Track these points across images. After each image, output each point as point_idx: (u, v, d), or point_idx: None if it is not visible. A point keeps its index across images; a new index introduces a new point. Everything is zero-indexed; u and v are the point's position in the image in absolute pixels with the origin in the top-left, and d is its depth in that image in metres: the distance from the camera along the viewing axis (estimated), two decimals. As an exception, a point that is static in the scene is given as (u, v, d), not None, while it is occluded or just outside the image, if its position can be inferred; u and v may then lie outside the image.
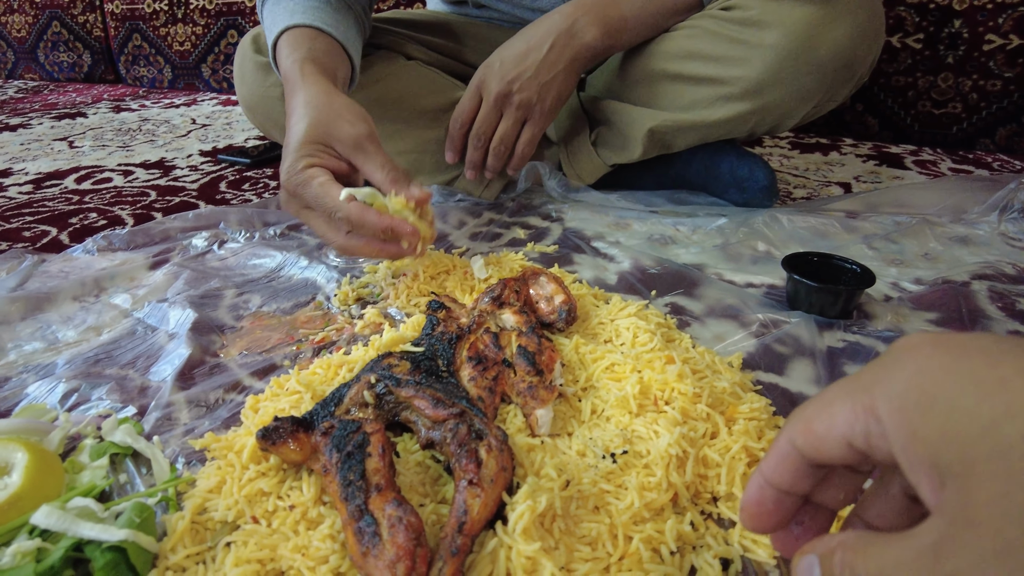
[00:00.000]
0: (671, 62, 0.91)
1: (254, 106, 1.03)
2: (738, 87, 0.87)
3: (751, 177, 0.98)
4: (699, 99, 0.91)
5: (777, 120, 0.90)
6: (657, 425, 0.47)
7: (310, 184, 0.66)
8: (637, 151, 0.97)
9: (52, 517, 0.40)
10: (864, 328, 0.67)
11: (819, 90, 0.86)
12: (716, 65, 0.88)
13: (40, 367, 0.62)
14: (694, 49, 0.89)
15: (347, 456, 0.41)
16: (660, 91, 0.94)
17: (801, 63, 0.83)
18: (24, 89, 2.44)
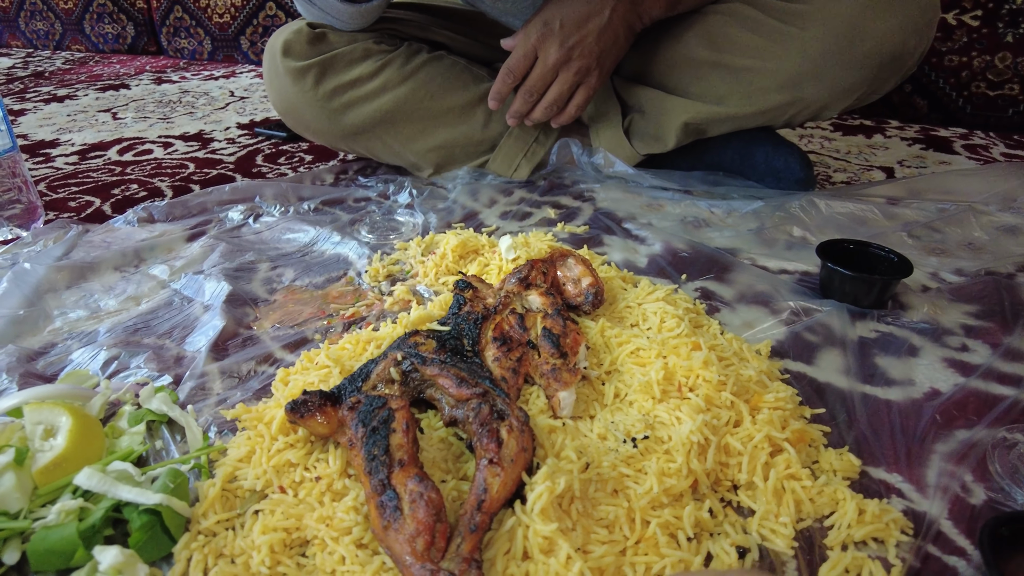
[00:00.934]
0: (709, 50, 0.89)
1: (286, 112, 1.02)
2: (775, 79, 0.85)
3: (786, 168, 0.96)
4: (735, 89, 0.89)
5: (815, 112, 0.88)
6: (680, 411, 0.47)
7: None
8: (671, 142, 0.95)
9: (93, 479, 0.42)
10: (898, 319, 0.65)
11: (861, 85, 0.83)
12: (754, 56, 0.86)
13: (83, 334, 0.65)
14: (733, 38, 0.87)
15: (372, 431, 0.42)
16: (696, 78, 0.92)
17: (843, 57, 0.81)
18: (71, 60, 2.50)
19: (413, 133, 0.99)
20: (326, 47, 0.96)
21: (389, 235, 0.86)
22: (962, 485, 0.46)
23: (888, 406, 0.54)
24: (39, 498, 0.43)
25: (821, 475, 0.46)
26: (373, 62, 0.96)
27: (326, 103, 0.97)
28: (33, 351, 0.62)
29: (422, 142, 1.01)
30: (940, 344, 0.62)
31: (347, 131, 0.99)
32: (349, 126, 0.98)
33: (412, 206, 0.95)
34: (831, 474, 0.46)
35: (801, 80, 0.84)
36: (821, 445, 0.49)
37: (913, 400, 0.54)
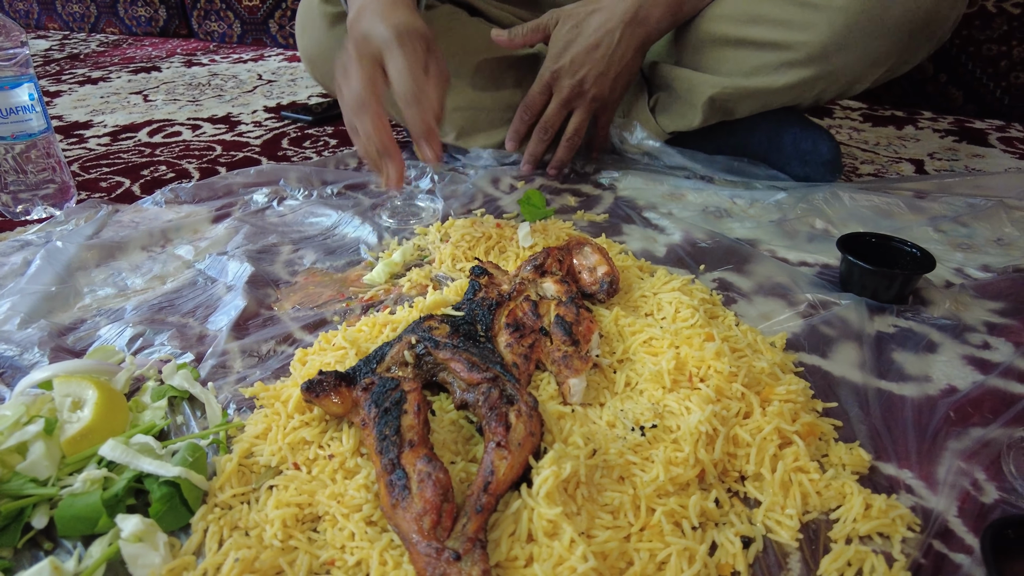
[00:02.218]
0: (733, 26, 0.88)
1: (316, 58, 1.02)
2: (803, 52, 0.83)
3: (814, 150, 0.95)
4: (762, 65, 0.87)
5: (846, 86, 0.86)
6: (689, 401, 0.47)
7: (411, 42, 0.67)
8: (697, 119, 0.94)
9: (117, 451, 0.44)
10: (918, 314, 0.64)
11: (892, 54, 0.81)
12: (780, 29, 0.84)
13: (111, 311, 0.67)
14: (757, 12, 0.85)
15: (384, 412, 0.43)
16: (721, 56, 0.90)
17: (873, 26, 0.78)
18: (105, 43, 2.54)
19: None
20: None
21: (409, 220, 0.87)
22: (973, 483, 0.45)
23: (902, 402, 0.53)
24: (66, 467, 0.45)
25: (830, 469, 0.46)
26: None
27: None
28: (63, 326, 0.64)
29: (449, 99, 1.00)
30: (961, 341, 0.61)
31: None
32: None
33: (433, 192, 0.96)
34: (840, 468, 0.46)
35: (830, 52, 0.82)
36: (832, 439, 0.49)
37: (928, 396, 0.54)
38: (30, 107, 0.86)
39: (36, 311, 0.65)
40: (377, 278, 0.71)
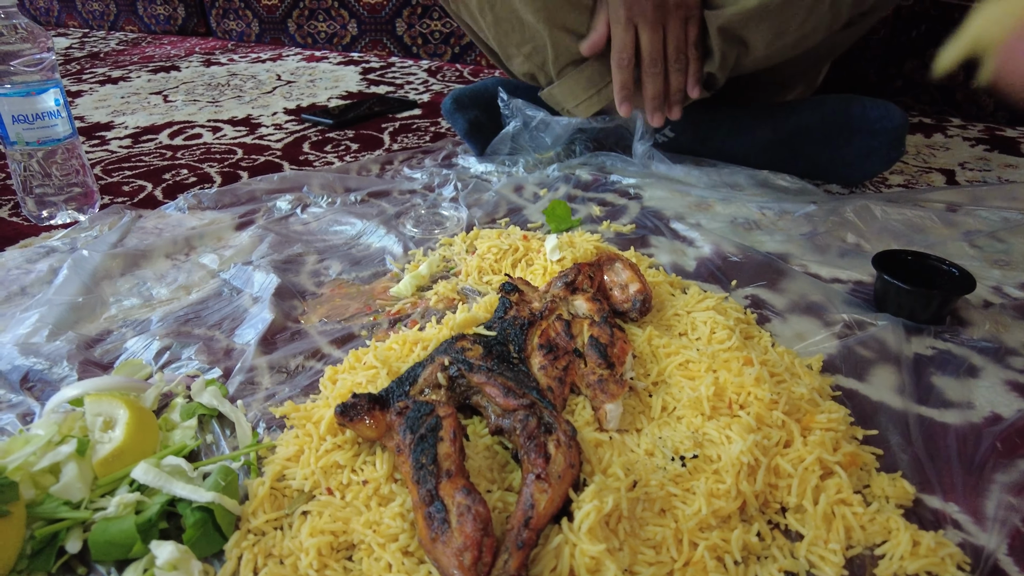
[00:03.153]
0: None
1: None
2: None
3: (885, 116, 0.92)
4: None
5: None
6: (730, 430, 0.46)
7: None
8: (715, 57, 0.89)
9: (150, 475, 0.43)
10: (957, 336, 0.63)
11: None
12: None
13: (137, 322, 0.66)
14: None
15: (420, 439, 0.42)
16: None
17: None
18: (125, 41, 2.55)
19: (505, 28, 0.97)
20: None
21: (433, 229, 0.87)
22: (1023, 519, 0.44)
23: (945, 430, 0.52)
24: (98, 488, 0.45)
25: (873, 501, 0.45)
26: None
27: None
28: (90, 338, 0.64)
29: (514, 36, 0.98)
30: (1003, 365, 0.59)
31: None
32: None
33: (456, 199, 0.95)
34: (883, 500, 0.45)
35: None
36: (873, 469, 0.47)
37: (972, 424, 0.52)
38: (56, 112, 0.86)
39: (63, 322, 0.65)
40: (404, 291, 0.71)
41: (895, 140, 0.93)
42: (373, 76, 1.86)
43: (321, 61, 2.08)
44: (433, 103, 1.54)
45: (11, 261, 0.78)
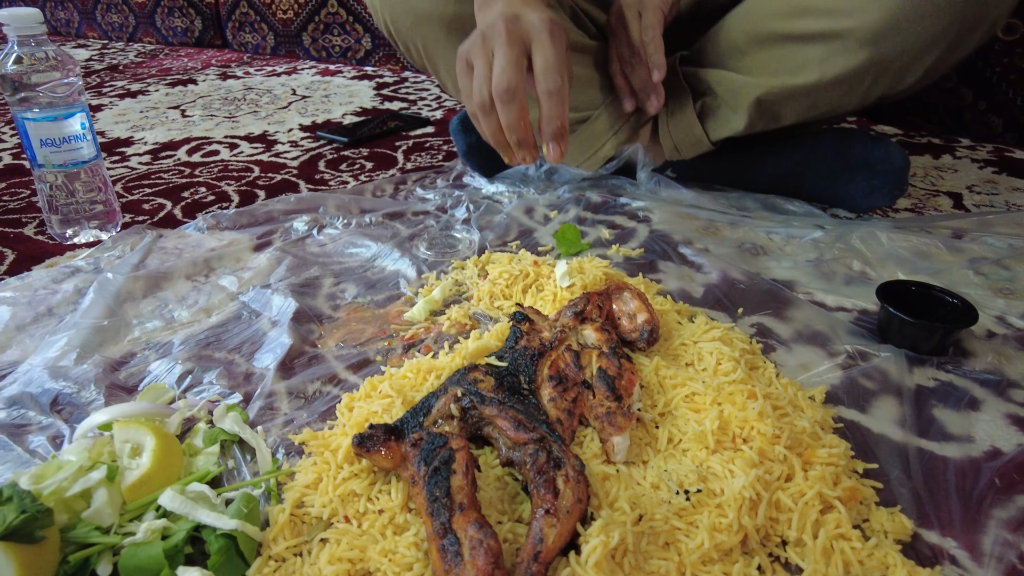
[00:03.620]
0: (779, 21, 0.86)
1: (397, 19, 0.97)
2: (853, 39, 0.81)
3: (885, 158, 0.94)
4: (809, 59, 0.85)
5: (896, 78, 0.84)
6: (733, 464, 0.47)
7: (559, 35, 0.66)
8: (742, 122, 0.93)
9: (176, 502, 0.45)
10: (959, 367, 0.64)
11: (944, 35, 0.78)
12: (829, 18, 0.82)
13: (159, 345, 0.69)
14: (804, 5, 0.83)
15: (434, 471, 0.44)
16: (768, 56, 0.89)
17: (925, 4, 0.77)
18: (143, 53, 2.60)
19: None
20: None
21: (446, 252, 0.89)
22: (1020, 556, 0.45)
23: (944, 463, 0.53)
24: (127, 514, 0.47)
25: (872, 536, 0.46)
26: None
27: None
28: (115, 360, 0.66)
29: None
30: (1004, 398, 0.60)
31: (453, 18, 0.93)
32: (457, 14, 0.93)
33: (468, 221, 0.97)
34: (882, 535, 0.46)
35: (880, 36, 0.80)
36: (873, 503, 0.49)
37: (972, 458, 0.54)
38: (81, 136, 0.89)
39: (89, 344, 0.67)
40: (417, 315, 0.73)
41: (897, 181, 0.94)
42: (387, 91, 1.89)
43: (335, 75, 2.11)
44: (445, 120, 1.57)
45: (38, 281, 0.81)
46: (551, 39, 0.66)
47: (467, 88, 0.71)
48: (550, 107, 0.67)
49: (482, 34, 0.68)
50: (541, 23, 0.66)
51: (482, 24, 0.69)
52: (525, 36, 0.67)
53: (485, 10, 0.72)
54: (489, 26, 0.68)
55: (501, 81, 0.65)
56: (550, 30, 0.66)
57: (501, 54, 0.66)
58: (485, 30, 0.68)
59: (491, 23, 0.67)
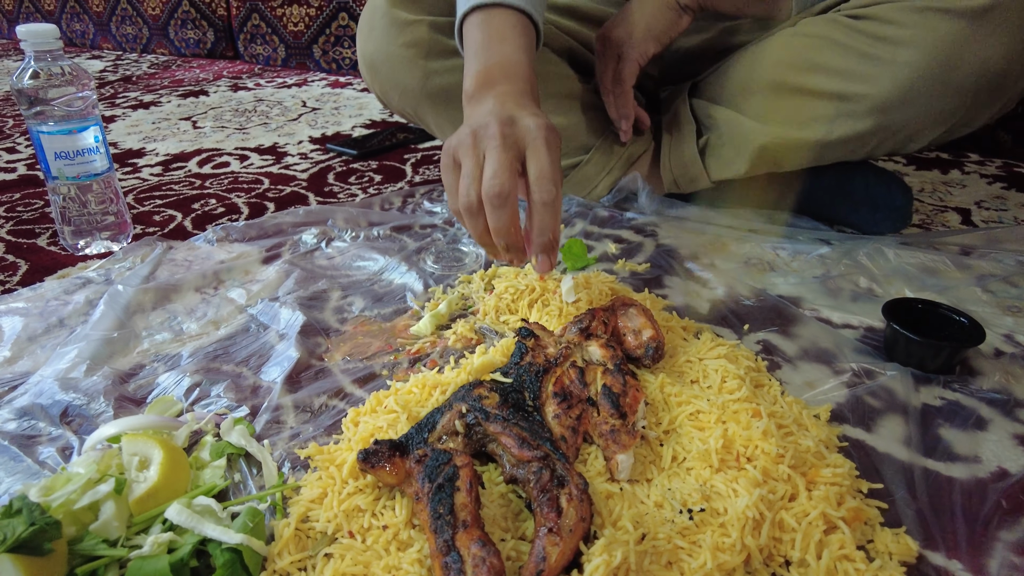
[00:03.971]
0: (793, 73, 0.87)
1: (378, 64, 1.00)
2: (862, 105, 0.82)
3: (888, 195, 0.94)
4: (818, 115, 0.86)
5: (901, 143, 0.85)
6: (737, 484, 0.47)
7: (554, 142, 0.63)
8: (743, 167, 0.94)
9: (183, 515, 0.46)
10: (967, 386, 0.64)
11: (954, 114, 0.79)
12: (841, 79, 0.83)
13: (168, 357, 0.69)
14: (818, 61, 0.85)
15: (438, 488, 0.44)
16: (777, 104, 0.90)
17: (937, 83, 0.78)
18: (156, 64, 2.63)
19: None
20: (440, 7, 0.97)
21: (453, 266, 0.89)
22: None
23: (950, 484, 0.53)
24: (134, 526, 0.47)
25: (876, 557, 0.46)
26: None
27: (426, 61, 0.97)
28: (124, 372, 0.67)
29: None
30: (1011, 418, 0.60)
31: (436, 92, 0.98)
32: (441, 88, 0.97)
33: (475, 235, 0.97)
34: (886, 557, 0.46)
35: (890, 107, 0.81)
36: (877, 523, 0.49)
37: (978, 479, 0.53)
38: (95, 149, 0.90)
39: (99, 356, 0.68)
40: (423, 329, 0.73)
41: (901, 216, 0.95)
42: (396, 103, 1.91)
43: (346, 87, 2.13)
44: (454, 132, 1.58)
45: (50, 292, 0.82)
46: (547, 146, 0.62)
47: (452, 185, 0.65)
48: (543, 218, 0.61)
49: (473, 132, 0.63)
50: (537, 129, 0.62)
51: (472, 121, 0.65)
52: (520, 140, 0.62)
53: (475, 106, 0.69)
54: (482, 126, 0.63)
55: (494, 185, 0.60)
56: (546, 137, 0.62)
57: (494, 157, 0.61)
58: (477, 129, 0.63)
59: (484, 123, 0.63)
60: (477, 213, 0.62)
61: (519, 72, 0.71)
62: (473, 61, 0.73)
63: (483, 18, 0.75)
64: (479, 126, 0.63)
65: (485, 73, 0.71)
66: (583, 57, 1.11)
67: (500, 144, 0.61)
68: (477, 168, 0.62)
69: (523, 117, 0.64)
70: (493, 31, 0.74)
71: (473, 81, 0.71)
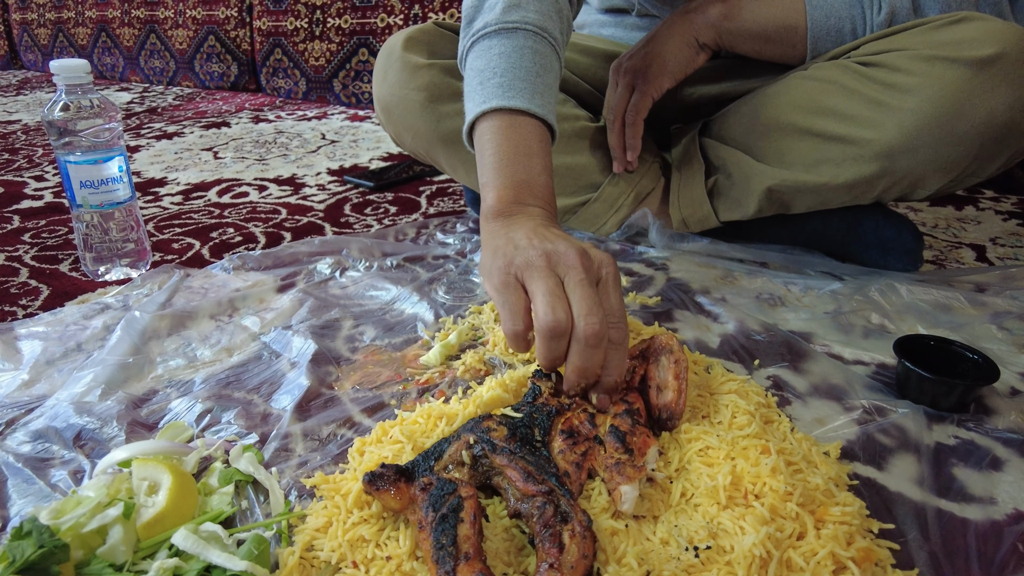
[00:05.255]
0: (801, 115, 0.88)
1: (392, 107, 1.03)
2: (869, 150, 0.83)
3: (898, 239, 0.94)
4: (825, 158, 0.87)
5: (908, 189, 0.85)
6: (744, 521, 0.47)
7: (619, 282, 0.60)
8: (751, 208, 0.95)
9: (188, 541, 0.46)
10: (981, 425, 0.63)
11: (961, 162, 0.80)
12: (848, 124, 0.84)
13: (181, 383, 0.70)
14: (827, 105, 0.86)
15: (442, 518, 0.44)
16: (785, 145, 0.91)
17: (943, 132, 0.78)
18: (181, 96, 2.70)
19: None
20: (452, 51, 1.00)
21: (464, 296, 0.90)
22: (1042, 626, 0.44)
23: (964, 525, 0.52)
24: (140, 551, 0.47)
25: (888, 600, 0.45)
26: None
27: (437, 104, 0.99)
28: (138, 397, 0.68)
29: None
30: (1026, 459, 0.59)
31: (448, 135, 1.00)
32: (453, 132, 0.99)
33: (487, 266, 0.98)
34: (899, 600, 0.45)
35: (896, 153, 0.81)
36: (888, 565, 0.48)
37: (993, 522, 0.52)
38: (119, 178, 0.93)
39: (114, 381, 0.69)
40: (433, 360, 0.73)
41: (911, 259, 0.95)
42: (412, 136, 1.94)
43: (364, 121, 2.18)
44: (469, 165, 1.60)
45: (69, 317, 0.84)
46: (616, 284, 0.59)
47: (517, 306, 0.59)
48: (612, 358, 0.58)
49: (546, 255, 0.59)
50: (609, 264, 0.60)
51: (519, 241, 0.61)
52: (596, 274, 0.59)
53: (509, 224, 0.65)
54: (556, 252, 0.59)
55: (591, 324, 0.55)
56: (615, 273, 0.60)
57: (586, 294, 0.56)
58: (550, 253, 0.59)
59: (556, 250, 0.59)
60: (562, 336, 0.56)
61: (545, 196, 0.69)
62: (496, 174, 0.69)
63: (508, 124, 0.71)
64: (551, 251, 0.59)
65: (513, 191, 0.68)
66: (593, 98, 1.13)
67: (586, 279, 0.57)
68: (559, 290, 0.57)
69: (591, 248, 0.61)
70: (520, 142, 0.71)
71: (497, 196, 0.68)
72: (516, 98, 0.72)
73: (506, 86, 0.73)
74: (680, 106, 1.10)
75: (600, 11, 1.18)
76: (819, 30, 0.89)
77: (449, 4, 2.15)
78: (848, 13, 0.88)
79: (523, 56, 0.75)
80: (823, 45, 0.90)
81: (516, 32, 0.76)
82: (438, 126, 1.00)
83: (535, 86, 0.74)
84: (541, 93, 0.74)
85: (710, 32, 0.93)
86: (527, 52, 0.75)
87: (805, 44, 0.91)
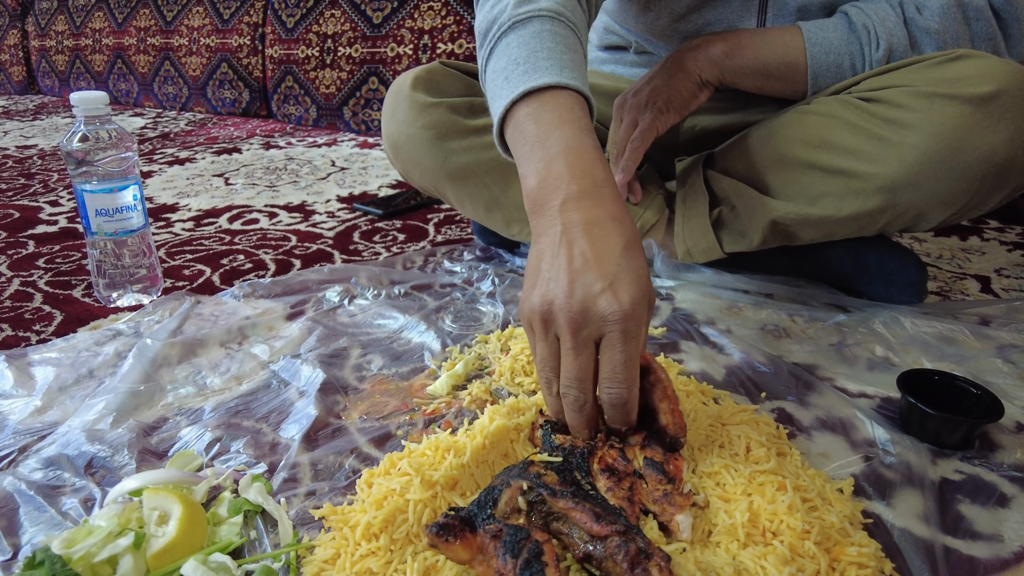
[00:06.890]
0: (804, 149, 0.90)
1: (401, 144, 1.04)
2: (871, 184, 0.84)
3: (901, 271, 0.95)
4: (828, 191, 0.88)
5: (911, 222, 0.86)
6: (766, 560, 0.47)
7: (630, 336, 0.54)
8: (756, 239, 0.96)
9: (198, 572, 0.47)
10: (986, 460, 0.63)
11: (962, 197, 0.81)
12: (851, 158, 0.85)
13: (191, 411, 0.71)
14: (830, 139, 0.87)
15: (526, 563, 0.44)
16: (789, 178, 0.92)
17: (944, 167, 0.79)
18: (193, 122, 2.75)
19: (512, 185, 1.04)
20: (458, 89, 1.02)
21: (471, 325, 0.91)
22: (1051, 668, 0.43)
23: (972, 563, 0.52)
24: (149, 582, 0.48)
25: (896, 639, 0.45)
26: None
27: (444, 142, 1.01)
28: (148, 425, 0.68)
29: (517, 194, 1.04)
30: (1033, 496, 0.59)
31: (455, 171, 1.02)
32: (460, 168, 1.01)
33: (494, 295, 0.99)
34: (907, 639, 0.45)
35: (898, 187, 0.82)
36: (899, 604, 0.48)
37: (1001, 560, 0.52)
38: (133, 207, 0.94)
39: (125, 408, 0.70)
40: (440, 389, 0.74)
41: (915, 292, 0.96)
42: (420, 163, 1.97)
43: (373, 148, 2.21)
44: (476, 193, 1.62)
45: (82, 343, 0.85)
46: (624, 339, 0.53)
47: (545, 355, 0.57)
48: (615, 416, 0.56)
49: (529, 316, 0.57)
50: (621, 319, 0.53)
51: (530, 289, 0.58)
52: (600, 330, 0.54)
53: (542, 218, 0.60)
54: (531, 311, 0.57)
55: (620, 395, 0.54)
56: (623, 330, 0.53)
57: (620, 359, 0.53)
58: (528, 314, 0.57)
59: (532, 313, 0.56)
60: (548, 387, 0.57)
61: (584, 162, 0.61)
62: (530, 159, 0.63)
63: (534, 108, 0.66)
64: (551, 306, 0.55)
65: (547, 169, 0.61)
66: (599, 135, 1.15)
67: (574, 346, 0.54)
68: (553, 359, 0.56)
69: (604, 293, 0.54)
70: (549, 117, 0.65)
71: (535, 182, 0.61)
72: (543, 76, 0.66)
73: (530, 71, 0.67)
74: (684, 138, 1.11)
75: (600, 48, 1.21)
76: (819, 66, 0.91)
77: (458, 35, 2.19)
78: (847, 49, 0.90)
79: (543, 39, 0.71)
80: (823, 81, 0.92)
81: (531, 20, 0.73)
82: (445, 162, 1.02)
83: (561, 62, 0.68)
84: (570, 68, 0.68)
85: (713, 69, 0.94)
86: (546, 35, 0.71)
87: (806, 80, 0.92)
